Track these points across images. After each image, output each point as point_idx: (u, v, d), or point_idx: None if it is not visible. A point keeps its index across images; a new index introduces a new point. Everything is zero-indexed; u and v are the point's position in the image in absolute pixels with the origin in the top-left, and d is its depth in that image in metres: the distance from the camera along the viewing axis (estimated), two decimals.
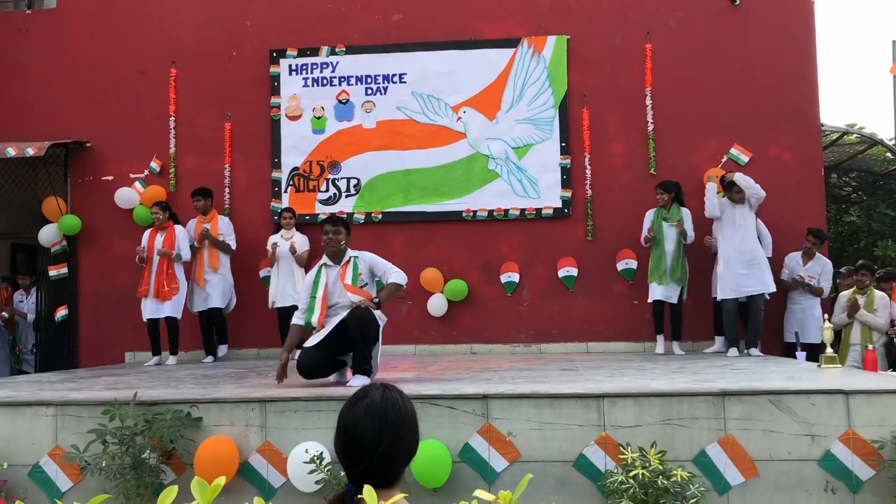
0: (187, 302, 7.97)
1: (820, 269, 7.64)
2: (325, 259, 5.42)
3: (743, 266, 7.05)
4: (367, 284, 5.32)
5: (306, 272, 5.49)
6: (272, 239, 8.14)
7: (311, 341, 5.24)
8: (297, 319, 5.42)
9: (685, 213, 7.57)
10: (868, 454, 4.05)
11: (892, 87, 9.84)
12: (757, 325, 7.12)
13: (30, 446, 4.56)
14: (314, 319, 5.23)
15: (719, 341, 7.67)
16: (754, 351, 7.02)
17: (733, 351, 7.03)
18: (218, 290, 7.99)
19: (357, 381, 5.01)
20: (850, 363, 7.07)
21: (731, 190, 7.20)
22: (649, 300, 7.59)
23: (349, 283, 5.24)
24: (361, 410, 1.82)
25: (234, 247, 8.10)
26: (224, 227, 8.13)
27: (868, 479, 4.04)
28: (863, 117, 41.07)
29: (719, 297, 7.28)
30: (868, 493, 4.04)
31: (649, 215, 7.66)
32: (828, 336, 5.74)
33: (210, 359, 8.00)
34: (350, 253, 5.38)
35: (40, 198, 8.95)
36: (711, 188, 7.41)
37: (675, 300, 7.49)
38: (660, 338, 7.59)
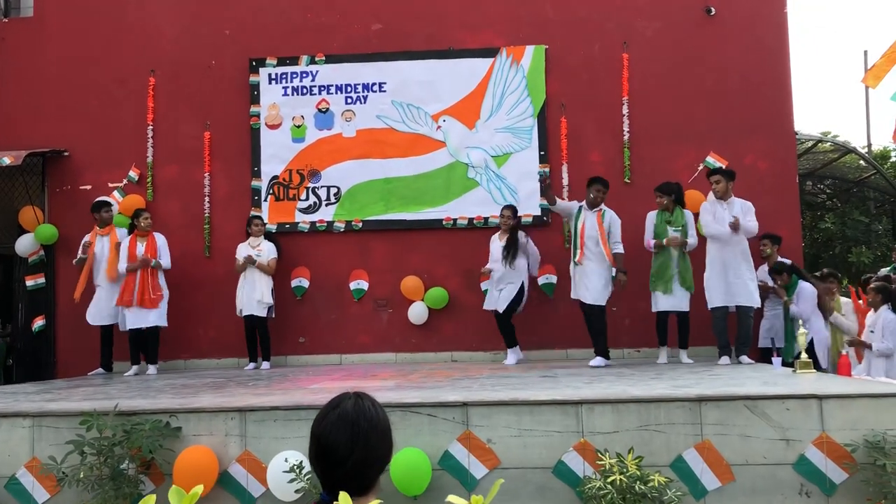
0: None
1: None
2: (583, 203, 7.26)
3: (733, 274, 6.96)
4: (606, 234, 7.05)
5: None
6: (239, 247, 8.12)
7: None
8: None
9: (688, 216, 7.32)
10: (841, 458, 4.12)
11: (864, 96, 10.01)
12: (747, 334, 7.04)
13: (6, 458, 4.54)
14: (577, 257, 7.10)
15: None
16: (745, 359, 6.91)
17: (725, 359, 6.95)
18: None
19: (596, 362, 6.96)
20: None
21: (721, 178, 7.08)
22: (653, 310, 7.32)
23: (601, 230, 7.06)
24: (333, 420, 1.83)
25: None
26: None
27: (841, 483, 4.11)
28: (836, 126, 41.62)
29: (710, 304, 7.06)
30: (841, 497, 4.11)
31: (651, 218, 7.36)
32: (802, 342, 5.81)
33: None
34: (603, 206, 7.18)
35: (17, 207, 8.87)
36: (706, 207, 7.20)
37: (685, 308, 7.17)
38: (663, 349, 7.36)
